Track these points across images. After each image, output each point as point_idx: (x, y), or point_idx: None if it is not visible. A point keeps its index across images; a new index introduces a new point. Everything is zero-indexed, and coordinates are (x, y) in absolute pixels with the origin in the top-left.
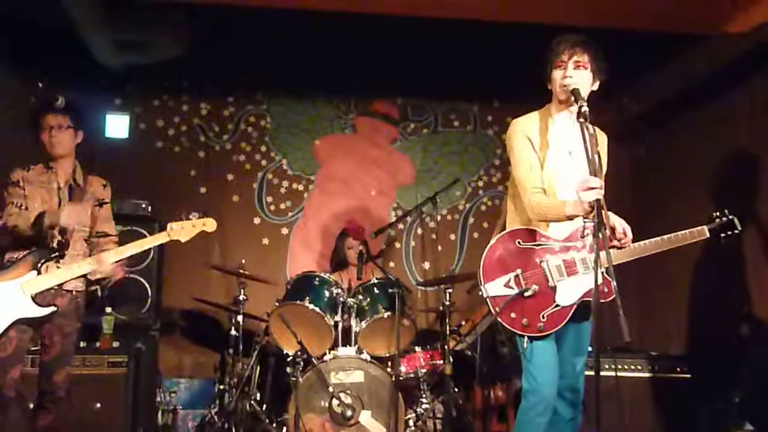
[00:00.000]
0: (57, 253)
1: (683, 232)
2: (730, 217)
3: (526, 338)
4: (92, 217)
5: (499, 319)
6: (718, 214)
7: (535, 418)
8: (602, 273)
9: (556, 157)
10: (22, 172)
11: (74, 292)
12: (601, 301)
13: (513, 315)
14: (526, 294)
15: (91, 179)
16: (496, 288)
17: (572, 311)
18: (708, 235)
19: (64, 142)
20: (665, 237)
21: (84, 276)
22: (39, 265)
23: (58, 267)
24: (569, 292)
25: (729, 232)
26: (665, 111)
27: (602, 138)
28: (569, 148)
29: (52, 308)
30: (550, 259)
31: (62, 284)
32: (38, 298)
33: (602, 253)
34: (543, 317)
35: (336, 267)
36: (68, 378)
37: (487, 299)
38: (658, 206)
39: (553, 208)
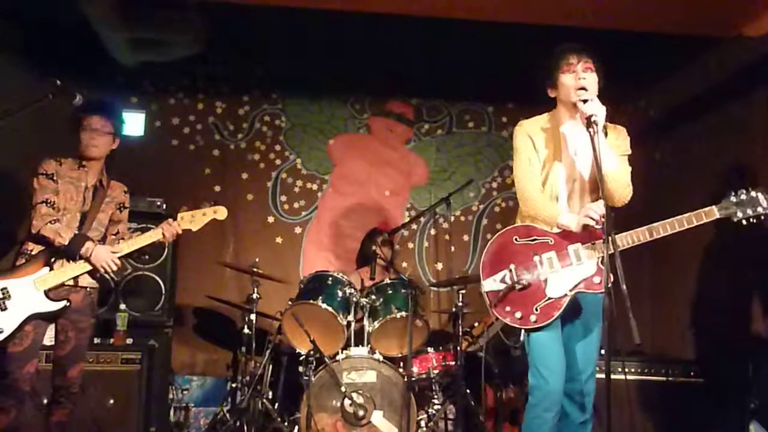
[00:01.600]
0: (67, 252)
1: (688, 214)
2: (753, 193)
3: (523, 331)
4: (112, 220)
5: (494, 312)
6: (738, 192)
7: (542, 414)
8: (597, 262)
9: (561, 158)
10: (55, 164)
11: (89, 289)
12: (595, 292)
13: (507, 308)
14: (517, 287)
15: (112, 184)
16: (491, 283)
17: (566, 303)
18: (718, 215)
19: (101, 146)
20: (667, 222)
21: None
22: (51, 261)
23: (69, 262)
24: (560, 283)
25: (750, 211)
26: (681, 114)
27: (617, 129)
28: (575, 149)
29: (65, 302)
30: (543, 252)
31: (77, 281)
32: (51, 294)
33: (596, 243)
34: (536, 309)
35: (361, 264)
36: (82, 373)
37: (484, 294)
38: (671, 210)
39: (547, 210)
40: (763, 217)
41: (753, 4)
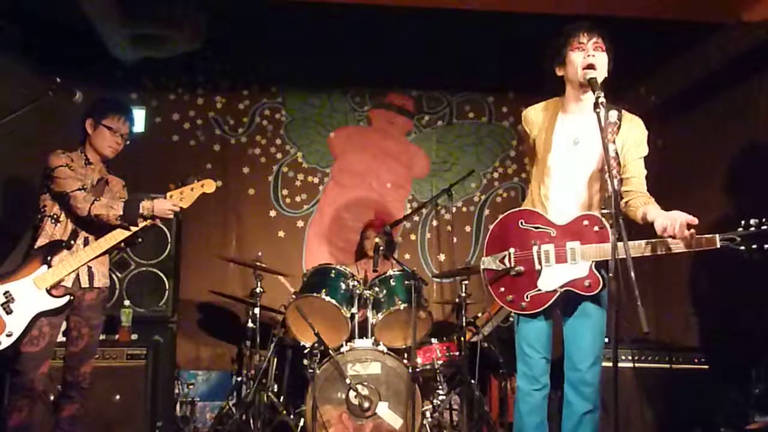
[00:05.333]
0: (64, 244)
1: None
2: (764, 227)
3: (513, 311)
4: None
5: (489, 290)
6: (749, 222)
7: (524, 387)
8: (591, 266)
9: (557, 147)
10: (66, 158)
11: (101, 288)
12: (585, 294)
13: (502, 289)
14: (512, 273)
15: (111, 178)
16: (491, 262)
17: (555, 297)
18: (719, 245)
19: (120, 149)
20: (664, 241)
21: (97, 258)
22: (49, 258)
23: (69, 254)
24: (551, 278)
25: (755, 246)
26: (683, 101)
27: (633, 123)
28: (575, 137)
29: (68, 297)
30: (542, 243)
31: (92, 283)
32: (53, 291)
33: (593, 246)
34: (527, 297)
35: (358, 257)
36: (92, 370)
37: (482, 271)
38: (674, 198)
39: None
40: None
41: None
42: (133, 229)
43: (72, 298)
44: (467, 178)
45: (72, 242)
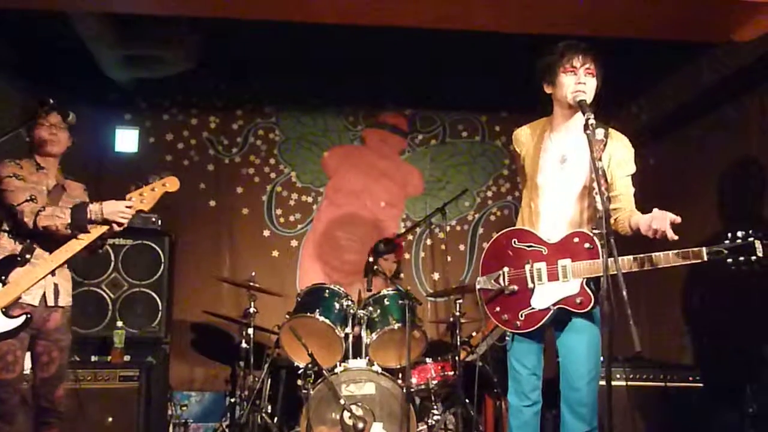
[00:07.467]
0: (20, 260)
1: (674, 252)
2: (750, 239)
3: (508, 330)
4: None
5: (485, 309)
6: (735, 235)
7: (516, 403)
8: (582, 282)
9: (545, 165)
10: (15, 167)
11: (66, 307)
12: (576, 311)
13: (497, 309)
14: (505, 292)
15: (71, 183)
16: (486, 281)
17: (548, 316)
18: (706, 258)
19: (62, 141)
20: (651, 255)
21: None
22: (3, 277)
23: (24, 270)
24: (544, 296)
25: (742, 258)
26: (674, 119)
27: (619, 142)
28: (562, 155)
29: (24, 317)
30: (535, 262)
31: (57, 301)
32: (11, 311)
33: (584, 263)
34: (521, 316)
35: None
36: (66, 392)
37: (477, 291)
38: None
39: None
40: (757, 266)
41: (740, 11)
42: (85, 236)
43: (29, 316)
44: (461, 196)
45: (27, 256)
